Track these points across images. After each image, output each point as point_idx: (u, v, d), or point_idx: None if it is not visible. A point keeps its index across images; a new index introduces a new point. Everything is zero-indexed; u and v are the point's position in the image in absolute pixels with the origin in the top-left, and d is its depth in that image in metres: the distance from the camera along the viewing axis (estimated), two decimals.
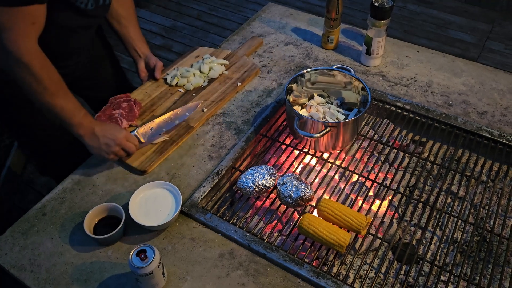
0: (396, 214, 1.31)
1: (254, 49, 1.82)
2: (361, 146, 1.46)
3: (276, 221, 1.26)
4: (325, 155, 1.43)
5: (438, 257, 1.22)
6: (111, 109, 1.47)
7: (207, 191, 1.29)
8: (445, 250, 1.22)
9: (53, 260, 1.15)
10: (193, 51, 1.79)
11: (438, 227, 1.28)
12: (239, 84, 1.63)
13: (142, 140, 1.38)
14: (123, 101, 1.50)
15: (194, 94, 1.59)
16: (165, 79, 1.65)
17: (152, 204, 1.22)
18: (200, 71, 1.66)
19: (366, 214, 1.24)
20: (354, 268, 1.21)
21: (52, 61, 1.25)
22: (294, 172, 1.39)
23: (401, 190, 1.33)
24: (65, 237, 1.20)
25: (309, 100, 1.51)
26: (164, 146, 1.41)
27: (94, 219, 1.20)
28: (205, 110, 1.53)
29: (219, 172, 1.34)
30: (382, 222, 1.24)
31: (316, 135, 1.28)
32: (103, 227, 1.18)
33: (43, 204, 1.28)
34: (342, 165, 1.39)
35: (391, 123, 1.54)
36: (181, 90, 1.61)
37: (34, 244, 1.19)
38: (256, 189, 1.25)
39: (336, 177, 1.38)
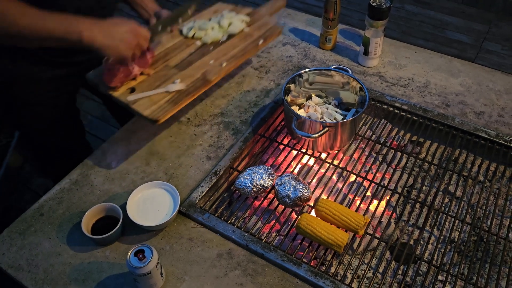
0: (394, 214, 1.31)
1: (276, 10, 1.70)
2: (359, 146, 1.46)
3: (274, 221, 1.26)
4: (323, 155, 1.43)
5: (435, 257, 1.22)
6: None
7: (205, 191, 1.29)
8: (442, 250, 1.22)
9: (50, 260, 1.15)
10: (212, 6, 1.70)
11: (436, 227, 1.29)
12: (261, 41, 1.54)
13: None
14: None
15: (211, 48, 1.51)
16: (181, 31, 1.57)
17: (150, 204, 1.22)
18: (219, 25, 1.56)
19: (364, 214, 1.24)
20: (352, 268, 1.21)
21: (64, 56, 1.21)
22: (292, 172, 1.39)
23: (399, 190, 1.34)
24: (62, 237, 1.20)
25: (307, 100, 1.51)
26: (179, 97, 1.34)
27: (92, 219, 1.20)
28: (224, 64, 1.45)
29: (217, 172, 1.34)
30: (380, 222, 1.24)
31: (314, 135, 1.29)
32: (101, 227, 1.17)
33: (40, 204, 1.28)
34: (340, 165, 1.39)
35: (388, 123, 1.54)
36: (198, 42, 1.53)
37: (31, 244, 1.19)
38: (254, 189, 1.25)
39: (334, 177, 1.38)
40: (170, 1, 4.15)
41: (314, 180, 1.35)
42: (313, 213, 1.27)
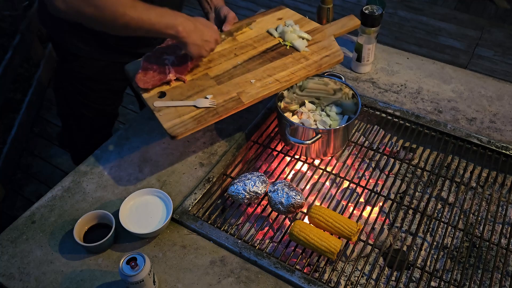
0: (387, 220, 1.31)
1: (347, 31, 1.54)
2: (352, 153, 1.46)
3: (267, 228, 1.26)
4: (316, 162, 1.43)
5: (428, 263, 1.22)
6: (164, 53, 1.35)
7: (198, 198, 1.29)
8: (435, 256, 1.23)
9: (42, 269, 1.14)
10: (277, 11, 1.59)
11: (429, 233, 1.29)
12: (314, 71, 1.39)
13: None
14: (180, 48, 1.35)
15: (259, 64, 1.39)
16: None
17: (143, 212, 1.22)
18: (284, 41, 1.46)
19: (357, 221, 1.25)
20: (345, 274, 1.21)
21: (131, 46, 1.30)
22: (285, 178, 1.39)
23: (392, 196, 1.34)
24: (54, 245, 1.19)
25: (300, 106, 1.51)
26: (204, 116, 1.25)
27: (84, 227, 1.19)
28: (270, 82, 1.35)
29: (210, 179, 1.34)
30: (373, 228, 1.25)
31: (307, 142, 1.29)
32: (93, 235, 1.17)
33: (32, 212, 1.27)
34: (333, 172, 1.39)
35: (381, 129, 1.55)
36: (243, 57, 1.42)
37: (23, 252, 1.18)
38: (247, 196, 1.25)
39: (327, 183, 1.38)
40: None
41: (307, 187, 1.35)
42: (306, 219, 1.27)
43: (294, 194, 1.22)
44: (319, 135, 1.29)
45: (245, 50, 1.45)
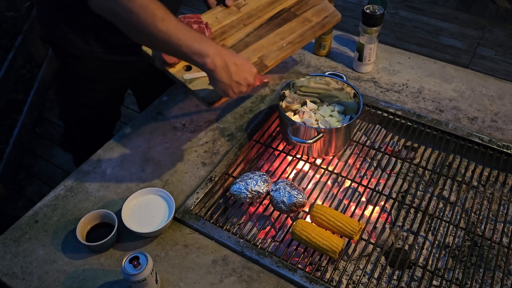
0: (389, 219, 1.31)
1: None
2: (354, 152, 1.47)
3: (269, 227, 1.26)
4: (318, 161, 1.43)
5: (430, 262, 1.22)
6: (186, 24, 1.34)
7: (201, 197, 1.29)
8: (437, 255, 1.23)
9: (45, 268, 1.15)
10: None
11: (430, 232, 1.29)
12: (319, 28, 1.51)
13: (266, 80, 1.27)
14: (194, 22, 1.35)
15: (269, 30, 1.47)
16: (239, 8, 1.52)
17: (145, 211, 1.22)
18: None
19: (359, 220, 1.25)
20: (347, 273, 1.21)
21: (132, 45, 1.25)
22: (287, 178, 1.40)
23: (393, 195, 1.34)
24: (57, 245, 1.19)
25: (301, 106, 1.51)
26: None
27: (87, 226, 1.19)
28: (284, 45, 1.44)
29: (213, 178, 1.34)
30: (374, 227, 1.25)
31: (309, 141, 1.29)
32: (96, 234, 1.17)
33: (35, 211, 1.27)
34: (335, 171, 1.40)
35: (383, 129, 1.55)
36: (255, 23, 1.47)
37: (26, 251, 1.18)
38: (249, 195, 1.25)
39: (329, 183, 1.39)
40: None
41: (309, 186, 1.36)
42: (308, 218, 1.27)
43: (296, 193, 1.23)
44: (321, 135, 1.30)
45: (252, 20, 1.50)
